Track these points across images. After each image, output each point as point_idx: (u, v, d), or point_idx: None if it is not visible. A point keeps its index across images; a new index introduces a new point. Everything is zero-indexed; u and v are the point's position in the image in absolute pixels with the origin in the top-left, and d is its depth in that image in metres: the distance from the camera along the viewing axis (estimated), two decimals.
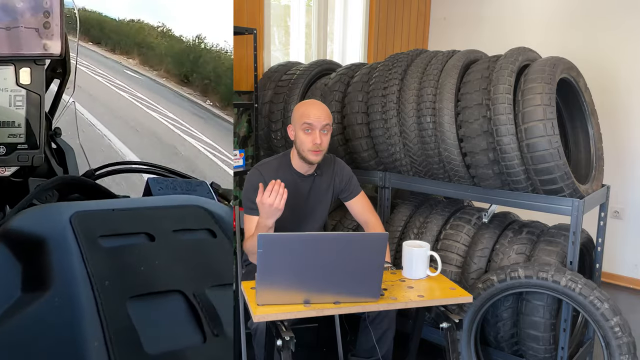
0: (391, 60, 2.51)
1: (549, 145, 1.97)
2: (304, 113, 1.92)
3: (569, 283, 1.96)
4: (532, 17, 3.79)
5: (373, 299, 1.58)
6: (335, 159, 2.12)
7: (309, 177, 2.02)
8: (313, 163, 1.96)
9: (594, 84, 2.48)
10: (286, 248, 1.47)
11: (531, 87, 2.02)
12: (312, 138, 1.89)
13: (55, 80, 1.23)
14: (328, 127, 1.93)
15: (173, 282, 0.55)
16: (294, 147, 1.99)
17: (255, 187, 1.92)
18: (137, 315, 0.50)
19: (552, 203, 2.12)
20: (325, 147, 1.94)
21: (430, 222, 2.46)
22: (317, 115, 1.90)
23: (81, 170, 1.18)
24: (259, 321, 1.55)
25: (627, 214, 3.52)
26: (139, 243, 0.59)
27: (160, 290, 0.54)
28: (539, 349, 2.14)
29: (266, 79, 2.92)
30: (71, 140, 1.29)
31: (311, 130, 1.89)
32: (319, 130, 1.90)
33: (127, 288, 0.53)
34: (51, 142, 1.23)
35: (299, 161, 1.97)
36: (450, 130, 2.17)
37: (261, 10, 3.00)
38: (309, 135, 1.90)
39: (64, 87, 1.25)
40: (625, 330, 1.92)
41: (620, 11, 3.40)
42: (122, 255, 0.57)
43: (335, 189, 2.08)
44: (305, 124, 1.89)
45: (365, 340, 1.94)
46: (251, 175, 1.97)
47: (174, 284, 0.55)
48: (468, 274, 2.28)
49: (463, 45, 2.52)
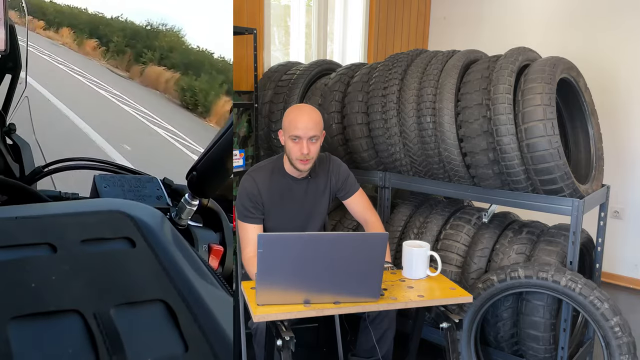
0: (391, 60, 2.51)
1: (549, 145, 1.97)
2: (291, 122, 1.86)
3: (569, 283, 1.96)
4: (532, 17, 3.79)
5: (373, 299, 1.58)
6: (331, 158, 2.08)
7: (304, 180, 1.99)
8: (302, 172, 1.93)
9: (594, 84, 2.48)
10: (286, 248, 1.47)
11: (531, 87, 2.02)
12: (299, 147, 1.85)
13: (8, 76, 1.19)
14: (316, 137, 1.87)
15: (69, 301, 0.47)
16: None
17: (248, 193, 1.91)
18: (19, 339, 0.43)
19: (552, 203, 2.12)
20: (315, 155, 1.89)
21: (430, 222, 2.46)
22: (304, 126, 1.84)
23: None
24: (259, 321, 1.55)
25: (627, 214, 3.52)
26: (35, 255, 0.51)
27: (52, 310, 0.45)
28: (539, 349, 2.14)
29: (266, 79, 2.92)
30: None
31: (298, 140, 1.85)
32: (306, 140, 1.84)
33: (9, 307, 0.44)
34: (6, 138, 1.21)
35: (291, 167, 1.94)
36: (450, 130, 2.17)
37: (261, 10, 3.00)
38: (296, 144, 1.85)
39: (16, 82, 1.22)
40: (625, 330, 1.92)
41: (620, 11, 3.40)
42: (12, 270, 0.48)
43: (332, 189, 2.05)
44: (293, 135, 1.84)
45: (365, 340, 1.94)
46: (244, 182, 1.94)
47: (70, 302, 0.47)
48: (468, 274, 2.28)
49: (463, 45, 2.52)
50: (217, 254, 0.90)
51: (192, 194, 0.86)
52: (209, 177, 0.83)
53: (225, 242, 0.92)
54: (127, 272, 0.52)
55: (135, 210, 0.61)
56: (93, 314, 0.46)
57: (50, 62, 8.33)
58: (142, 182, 0.88)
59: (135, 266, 0.54)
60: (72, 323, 0.46)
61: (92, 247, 0.54)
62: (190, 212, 0.87)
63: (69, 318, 0.46)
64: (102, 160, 0.99)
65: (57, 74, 7.81)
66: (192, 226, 0.91)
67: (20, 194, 0.77)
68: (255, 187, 1.91)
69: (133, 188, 0.86)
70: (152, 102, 8.04)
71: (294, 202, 1.98)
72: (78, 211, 0.59)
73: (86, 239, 0.55)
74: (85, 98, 7.06)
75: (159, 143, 5.96)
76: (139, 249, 0.56)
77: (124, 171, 0.98)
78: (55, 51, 9.35)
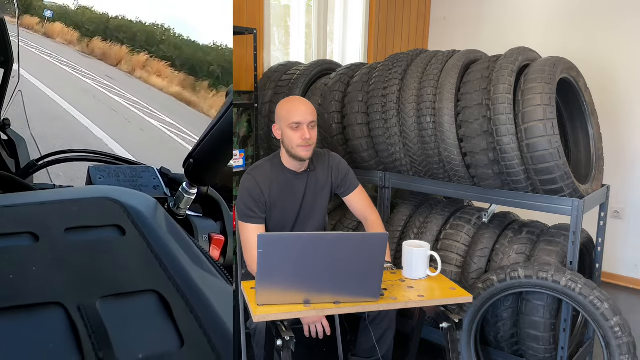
0: (391, 60, 2.51)
1: (549, 145, 1.97)
2: (290, 111, 1.90)
3: (569, 283, 1.96)
4: (532, 17, 3.79)
5: (373, 299, 1.58)
6: (330, 154, 2.08)
7: (304, 174, 1.99)
8: (304, 159, 1.93)
9: (594, 84, 2.47)
10: (286, 248, 1.47)
11: (531, 87, 2.02)
12: (300, 134, 1.87)
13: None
14: (314, 123, 1.91)
15: (50, 293, 0.43)
16: (282, 147, 1.96)
17: (251, 193, 1.91)
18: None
19: (552, 203, 2.11)
20: (314, 141, 1.92)
21: (430, 222, 2.46)
22: (303, 112, 1.89)
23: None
24: (258, 321, 1.55)
25: (627, 214, 3.52)
26: (15, 245, 0.47)
27: (32, 302, 0.42)
28: (539, 349, 2.14)
29: (266, 79, 2.92)
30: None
31: (299, 127, 1.87)
32: (307, 125, 1.88)
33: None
34: (0, 133, 1.19)
35: (290, 160, 1.95)
36: (450, 130, 2.17)
37: (261, 10, 3.00)
38: (297, 131, 1.87)
39: (9, 77, 1.20)
40: (625, 330, 1.92)
41: (621, 11, 3.40)
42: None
43: (332, 184, 2.05)
44: (293, 122, 1.87)
45: (365, 340, 1.94)
46: (245, 182, 1.94)
47: (52, 294, 0.43)
48: (468, 274, 2.28)
49: (463, 45, 2.52)
50: (218, 243, 0.87)
51: (190, 182, 0.83)
52: (206, 164, 0.80)
53: (226, 231, 0.90)
54: (116, 261, 0.49)
55: (126, 196, 0.57)
56: (77, 307, 0.42)
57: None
58: (138, 172, 0.86)
59: (124, 255, 0.50)
60: (54, 317, 0.42)
61: (77, 236, 0.50)
62: (189, 202, 0.84)
63: (50, 311, 0.42)
64: (98, 152, 0.96)
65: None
66: (192, 216, 0.89)
67: (10, 185, 0.74)
68: (256, 185, 1.91)
69: (129, 178, 0.84)
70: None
71: (295, 196, 1.98)
72: (62, 199, 0.55)
73: (71, 227, 0.50)
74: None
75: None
76: (129, 237, 0.51)
77: (119, 162, 0.95)
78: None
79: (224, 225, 0.91)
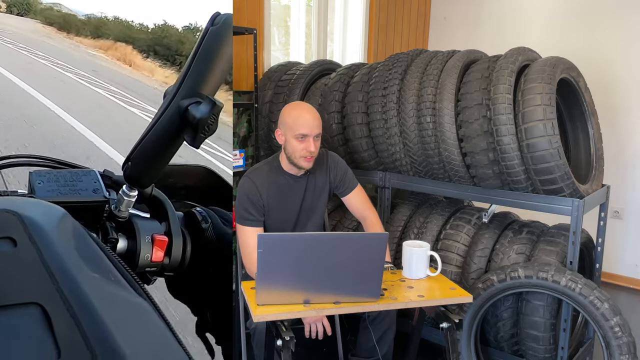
0: (391, 60, 2.51)
1: (549, 145, 1.97)
2: (296, 121, 1.86)
3: (569, 283, 1.96)
4: (532, 17, 3.79)
5: (373, 299, 1.58)
6: (328, 153, 2.07)
7: (303, 178, 1.99)
8: (305, 169, 1.93)
9: (594, 84, 2.47)
10: (286, 248, 1.47)
11: (531, 87, 2.02)
12: (305, 145, 1.85)
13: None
14: (319, 134, 1.90)
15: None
16: (282, 151, 1.94)
17: (249, 195, 1.90)
18: None
19: (552, 203, 2.11)
20: (317, 153, 1.91)
21: (430, 222, 2.46)
22: (310, 124, 1.86)
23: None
24: (258, 321, 1.55)
25: (627, 214, 3.52)
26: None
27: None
28: (539, 349, 2.14)
29: (266, 79, 2.92)
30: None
31: (305, 139, 1.85)
32: (312, 137, 1.86)
33: None
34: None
35: (290, 165, 1.93)
36: (450, 130, 2.17)
37: (261, 10, 3.00)
38: (302, 142, 1.85)
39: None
40: (625, 330, 1.92)
41: (621, 11, 3.40)
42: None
43: (331, 185, 2.05)
44: (300, 134, 1.85)
45: (365, 340, 1.94)
46: (243, 185, 1.93)
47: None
48: (468, 274, 2.28)
49: (463, 45, 2.52)
50: (160, 244, 0.87)
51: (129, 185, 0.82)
52: (142, 166, 0.80)
53: (171, 232, 0.89)
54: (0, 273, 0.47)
55: (26, 208, 0.55)
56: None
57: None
58: (79, 175, 0.84)
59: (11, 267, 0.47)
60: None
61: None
62: (130, 204, 0.84)
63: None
64: (40, 156, 0.96)
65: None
66: (135, 217, 0.89)
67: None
68: (254, 188, 1.90)
69: (69, 182, 0.83)
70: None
71: (294, 200, 1.98)
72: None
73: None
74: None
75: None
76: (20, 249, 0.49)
77: (62, 165, 0.95)
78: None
79: (169, 225, 0.91)
